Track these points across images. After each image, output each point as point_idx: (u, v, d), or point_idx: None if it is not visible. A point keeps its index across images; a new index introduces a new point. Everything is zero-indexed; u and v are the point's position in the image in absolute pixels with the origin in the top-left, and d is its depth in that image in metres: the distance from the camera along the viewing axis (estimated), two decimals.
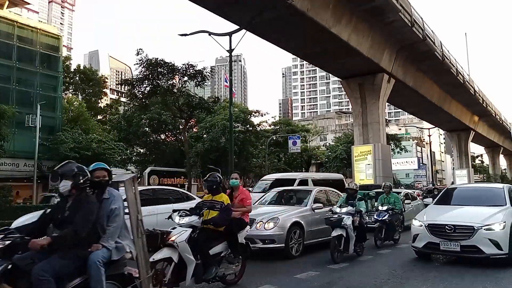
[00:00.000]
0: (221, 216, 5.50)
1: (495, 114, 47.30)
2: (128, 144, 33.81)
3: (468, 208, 7.93)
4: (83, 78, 43.80)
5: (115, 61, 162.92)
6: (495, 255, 6.90)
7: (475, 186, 10.94)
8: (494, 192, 8.65)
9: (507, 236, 6.97)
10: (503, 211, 7.45)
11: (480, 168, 78.73)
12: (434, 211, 8.24)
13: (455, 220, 7.31)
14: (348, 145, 34.26)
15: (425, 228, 7.46)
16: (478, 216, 7.31)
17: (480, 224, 6.98)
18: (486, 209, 7.66)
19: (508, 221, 7.12)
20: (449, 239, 7.12)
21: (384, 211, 9.75)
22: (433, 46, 24.19)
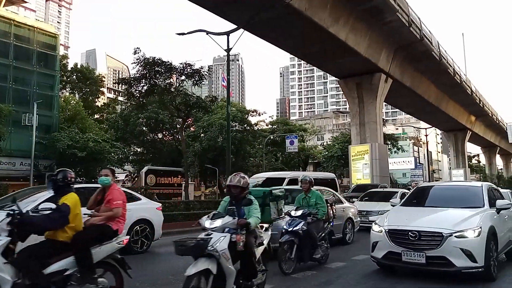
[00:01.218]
0: (43, 218, 4.29)
1: (492, 114, 47.48)
2: (125, 143, 33.74)
3: (439, 210, 6.80)
4: (80, 77, 43.67)
5: (113, 60, 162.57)
6: (467, 269, 5.72)
7: (450, 185, 9.41)
8: (471, 192, 7.38)
9: (483, 244, 5.78)
10: (480, 214, 6.27)
11: (476, 168, 79.01)
12: (398, 214, 6.96)
13: (420, 225, 6.10)
14: (345, 145, 34.32)
15: (385, 234, 6.18)
16: (449, 220, 6.16)
17: (450, 230, 5.78)
18: (460, 211, 6.50)
19: (484, 227, 5.95)
20: (413, 248, 5.88)
21: (299, 218, 6.87)
22: (430, 46, 24.26)
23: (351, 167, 25.16)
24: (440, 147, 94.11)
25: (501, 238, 6.60)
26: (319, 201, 7.37)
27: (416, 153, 73.92)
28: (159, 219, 9.81)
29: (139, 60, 22.53)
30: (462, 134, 46.23)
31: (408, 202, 7.58)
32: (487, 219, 6.22)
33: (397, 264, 6.23)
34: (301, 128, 49.43)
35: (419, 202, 7.53)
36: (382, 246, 6.26)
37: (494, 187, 8.43)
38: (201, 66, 24.21)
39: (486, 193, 7.05)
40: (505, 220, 7.19)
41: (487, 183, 8.24)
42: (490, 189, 7.57)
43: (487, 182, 8.58)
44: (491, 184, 8.29)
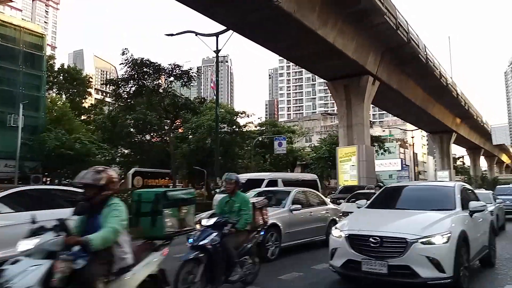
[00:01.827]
0: None
1: (477, 116, 48.28)
2: (113, 144, 33.47)
3: (407, 213, 6.20)
4: (67, 78, 43.20)
5: (100, 60, 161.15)
6: (434, 280, 5.05)
7: (421, 185, 8.69)
8: (443, 193, 6.82)
9: (452, 252, 5.16)
10: (450, 218, 5.69)
11: (461, 170, 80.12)
12: (361, 218, 6.41)
13: (384, 230, 5.44)
14: (333, 146, 34.54)
15: (345, 240, 5.51)
16: (416, 224, 5.54)
17: (415, 236, 5.12)
18: (430, 214, 5.92)
19: (455, 231, 5.32)
20: (374, 256, 5.20)
21: (212, 228, 5.19)
22: (417, 49, 24.59)
23: (339, 169, 25.34)
24: (426, 149, 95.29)
25: (474, 243, 6.03)
26: (244, 206, 5.72)
27: (402, 154, 74.72)
28: None
29: (127, 61, 22.46)
30: (448, 136, 46.88)
31: (375, 204, 6.91)
32: (458, 223, 5.66)
33: (357, 274, 5.48)
34: (290, 129, 49.62)
35: (387, 204, 6.95)
36: (341, 253, 5.58)
37: (468, 187, 7.91)
38: (190, 67, 24.27)
39: (458, 194, 6.46)
40: (479, 223, 6.66)
41: (461, 183, 7.54)
42: (464, 190, 7.00)
43: (461, 182, 7.87)
44: (464, 185, 7.69)
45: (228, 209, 5.77)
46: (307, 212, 9.39)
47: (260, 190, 10.82)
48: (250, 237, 5.81)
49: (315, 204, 10.15)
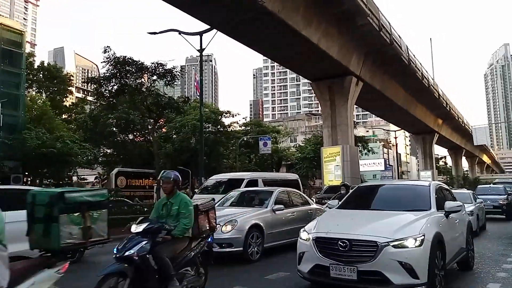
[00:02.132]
0: None
1: (458, 117, 49.12)
2: (95, 144, 32.93)
3: (379, 214, 5.88)
4: (47, 76, 42.27)
5: (82, 58, 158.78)
6: (407, 286, 4.75)
7: (395, 185, 8.29)
8: (417, 192, 6.52)
9: (427, 256, 4.85)
10: (424, 219, 5.36)
11: (443, 170, 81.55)
12: (330, 219, 6.04)
13: (353, 232, 5.10)
14: (318, 146, 34.69)
15: (312, 243, 5.18)
16: (388, 226, 5.24)
17: (387, 239, 4.81)
18: (403, 216, 5.61)
19: (429, 234, 5.03)
20: (343, 261, 4.88)
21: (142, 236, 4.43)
22: (399, 50, 24.84)
23: (323, 169, 25.43)
24: (409, 149, 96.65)
25: (450, 246, 5.77)
26: (183, 209, 4.87)
27: (386, 155, 75.57)
28: None
29: (109, 59, 22.12)
30: (430, 137, 47.58)
31: (347, 204, 6.61)
32: (432, 225, 5.35)
33: (325, 280, 5.10)
34: (274, 129, 49.67)
35: (359, 204, 6.67)
36: (309, 258, 5.25)
37: (445, 186, 7.60)
38: (173, 66, 24.06)
39: (433, 194, 6.19)
40: (456, 224, 6.41)
41: (436, 182, 7.24)
42: (439, 189, 6.76)
43: (437, 182, 7.53)
44: (440, 184, 7.38)
45: (165, 213, 4.97)
46: (290, 212, 9.36)
47: (242, 190, 10.72)
48: (193, 245, 4.98)
49: (298, 204, 10.13)
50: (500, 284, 6.22)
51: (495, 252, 9.40)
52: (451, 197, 7.27)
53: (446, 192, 7.30)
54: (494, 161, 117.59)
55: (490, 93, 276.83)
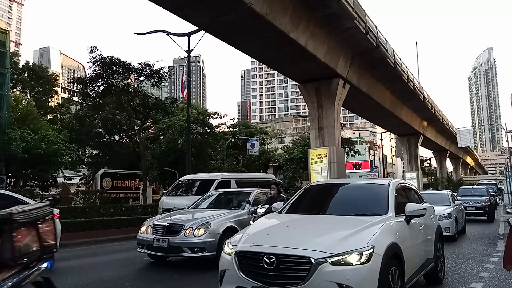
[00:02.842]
0: None
1: (443, 119, 49.85)
2: (80, 145, 32.56)
3: (324, 220, 4.91)
4: (32, 76, 41.69)
5: (67, 58, 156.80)
6: None
7: (349, 183, 6.71)
8: (374, 193, 5.46)
9: (376, 275, 3.77)
10: (377, 226, 4.28)
11: (428, 171, 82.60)
12: (262, 227, 4.82)
13: (283, 245, 3.96)
14: (305, 148, 34.84)
15: (234, 259, 4.06)
16: (331, 235, 4.19)
17: (324, 253, 3.71)
18: (353, 222, 4.55)
19: (381, 245, 3.91)
20: (269, 283, 3.79)
21: None
22: (386, 54, 25.11)
23: (310, 170, 25.54)
24: (395, 151, 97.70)
25: (412, 259, 4.75)
26: None
27: (372, 156, 76.28)
28: None
29: (95, 59, 21.94)
30: (415, 139, 48.15)
31: (292, 207, 5.52)
32: (387, 233, 4.27)
33: None
34: (262, 131, 49.75)
35: (305, 207, 5.63)
36: (230, 278, 4.08)
37: (409, 186, 6.53)
38: (161, 66, 23.93)
39: (392, 195, 5.14)
40: (420, 231, 5.38)
41: (398, 180, 6.10)
42: (401, 189, 5.72)
43: (399, 180, 6.41)
44: (403, 182, 6.37)
45: None
46: None
47: (219, 192, 10.33)
48: (10, 274, 2.89)
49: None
50: (482, 283, 6.35)
51: (478, 252, 9.58)
52: (417, 198, 6.33)
53: (411, 193, 6.28)
54: (478, 163, 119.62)
55: (474, 96, 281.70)
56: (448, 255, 9.11)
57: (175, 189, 13.90)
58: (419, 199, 6.40)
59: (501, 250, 9.52)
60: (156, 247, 7.71)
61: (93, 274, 7.58)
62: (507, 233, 6.67)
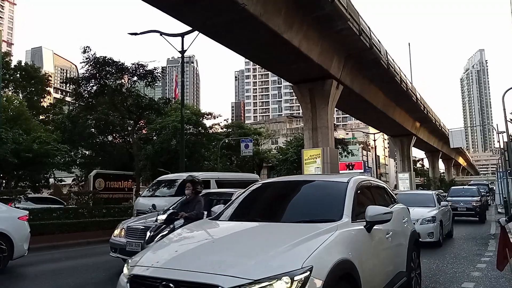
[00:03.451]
0: None
1: (435, 120, 50.22)
2: (73, 145, 32.33)
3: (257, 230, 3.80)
4: (24, 76, 41.33)
5: (60, 58, 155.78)
6: None
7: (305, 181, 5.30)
8: (330, 192, 4.40)
9: None
10: (322, 237, 3.25)
11: (421, 172, 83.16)
12: (173, 241, 3.82)
13: (188, 268, 2.93)
14: (299, 149, 34.90)
15: (127, 285, 3.14)
16: (255, 252, 3.09)
17: (239, 280, 2.68)
18: (296, 230, 3.53)
19: (324, 264, 2.92)
20: None
21: None
22: (379, 55, 25.25)
23: (304, 170, 25.61)
24: (387, 151, 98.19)
25: (373, 277, 3.75)
26: None
27: (365, 157, 76.61)
28: (23, 232, 7.94)
29: (88, 59, 21.84)
30: (408, 140, 48.46)
31: (232, 211, 4.45)
32: (334, 247, 3.22)
33: None
34: (256, 132, 49.74)
35: (245, 211, 4.49)
36: None
37: (377, 183, 5.48)
38: (154, 67, 23.86)
39: (350, 196, 4.06)
40: (386, 240, 4.34)
41: (360, 177, 4.93)
42: (365, 188, 4.65)
43: (361, 176, 5.17)
44: (369, 179, 5.26)
45: None
46: None
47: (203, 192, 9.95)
48: None
49: None
50: (474, 283, 6.41)
51: (470, 252, 9.66)
52: (388, 199, 5.28)
53: (380, 192, 5.19)
54: (470, 164, 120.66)
55: (466, 97, 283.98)
56: (440, 255, 9.19)
57: (153, 189, 13.10)
58: (390, 199, 5.34)
59: (492, 250, 9.62)
60: (129, 252, 6.76)
61: (85, 275, 7.55)
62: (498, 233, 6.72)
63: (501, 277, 6.58)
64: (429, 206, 11.74)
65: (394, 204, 5.37)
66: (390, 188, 5.96)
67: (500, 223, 5.91)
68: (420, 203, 11.55)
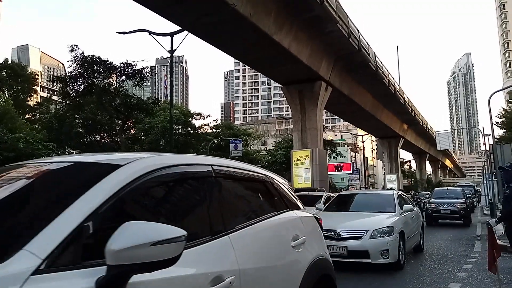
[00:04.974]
0: None
1: (422, 122, 50.80)
2: (60, 145, 31.90)
3: None
4: (10, 74, 40.74)
5: (47, 57, 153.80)
6: None
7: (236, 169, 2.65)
8: None
9: None
10: None
11: (408, 173, 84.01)
12: None
13: None
14: (288, 150, 34.98)
15: None
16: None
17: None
18: None
19: None
20: None
21: None
22: (367, 57, 25.44)
23: (293, 172, 25.66)
24: (375, 153, 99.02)
25: None
26: None
27: (353, 158, 77.13)
28: None
29: (76, 58, 21.62)
30: (396, 141, 48.92)
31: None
32: None
33: None
34: (245, 132, 49.69)
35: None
36: None
37: (237, 169, 2.66)
38: (143, 66, 23.74)
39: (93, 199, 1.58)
40: None
41: (161, 157, 2.17)
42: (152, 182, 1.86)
43: (166, 156, 2.34)
44: (182, 160, 2.26)
45: None
46: None
47: None
48: None
49: None
50: (460, 284, 6.47)
51: (456, 253, 9.77)
52: (265, 202, 2.91)
53: (240, 191, 2.76)
54: (456, 166, 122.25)
55: (453, 100, 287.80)
56: (426, 256, 9.27)
57: None
58: (272, 203, 2.93)
59: (478, 251, 9.75)
60: None
61: None
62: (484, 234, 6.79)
63: (487, 278, 6.66)
64: (386, 211, 8.37)
65: (285, 210, 2.85)
66: (281, 182, 3.10)
67: (489, 225, 5.96)
68: (374, 207, 8.61)
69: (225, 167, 2.48)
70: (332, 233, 7.27)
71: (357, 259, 7.27)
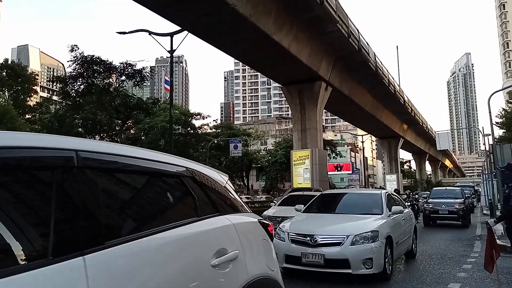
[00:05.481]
0: None
1: (422, 123, 50.80)
2: None
3: None
4: (10, 74, 40.72)
5: (47, 57, 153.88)
6: None
7: None
8: None
9: None
10: None
11: (408, 173, 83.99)
12: None
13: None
14: (288, 150, 34.99)
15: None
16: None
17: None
18: None
19: None
20: None
21: None
22: (367, 57, 25.43)
23: (293, 172, 25.66)
24: (375, 153, 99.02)
25: None
26: None
27: (353, 158, 77.11)
28: None
29: (76, 58, 21.63)
30: (395, 141, 48.90)
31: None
32: None
33: None
34: (245, 132, 49.73)
35: None
36: None
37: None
38: (143, 66, 23.74)
39: None
40: None
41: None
42: None
43: None
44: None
45: None
46: None
47: None
48: None
49: None
50: (460, 283, 6.47)
51: (456, 253, 9.77)
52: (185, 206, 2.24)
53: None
54: (456, 166, 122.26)
55: (452, 100, 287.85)
56: (426, 256, 9.27)
57: None
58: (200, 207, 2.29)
59: (478, 251, 9.75)
60: None
61: None
62: (484, 234, 6.80)
63: (487, 278, 6.66)
64: (372, 213, 7.42)
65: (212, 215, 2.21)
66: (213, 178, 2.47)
67: (488, 224, 5.96)
68: (359, 209, 7.67)
69: (103, 154, 1.69)
70: (307, 239, 6.36)
71: (336, 269, 6.26)
